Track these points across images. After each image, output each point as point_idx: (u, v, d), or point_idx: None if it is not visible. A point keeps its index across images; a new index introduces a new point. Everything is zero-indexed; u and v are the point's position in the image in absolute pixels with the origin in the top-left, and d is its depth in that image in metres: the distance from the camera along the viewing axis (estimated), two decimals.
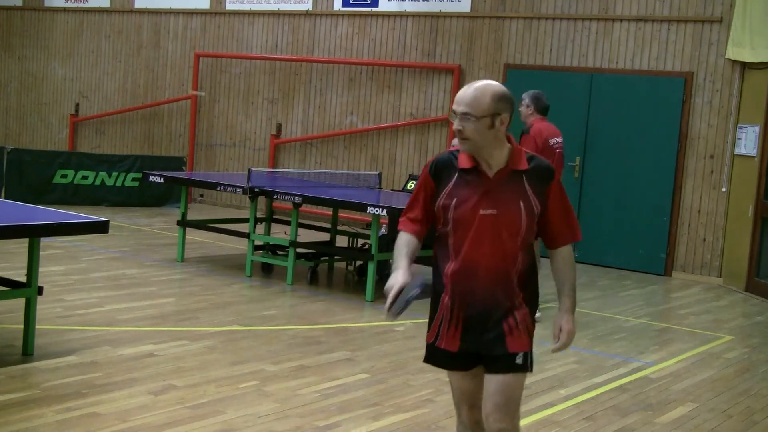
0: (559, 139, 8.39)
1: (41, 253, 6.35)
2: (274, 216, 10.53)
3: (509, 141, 3.54)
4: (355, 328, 7.54)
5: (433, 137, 13.16)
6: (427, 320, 3.83)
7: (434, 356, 3.70)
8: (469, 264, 3.52)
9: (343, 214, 11.60)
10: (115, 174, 13.91)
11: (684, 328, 8.57)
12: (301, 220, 9.33)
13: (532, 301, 3.60)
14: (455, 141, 12.31)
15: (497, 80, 12.54)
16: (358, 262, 9.83)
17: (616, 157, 11.79)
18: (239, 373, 5.90)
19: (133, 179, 13.93)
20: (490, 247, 3.48)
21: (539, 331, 8.20)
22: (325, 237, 10.33)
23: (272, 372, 6.01)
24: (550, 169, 3.55)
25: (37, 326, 6.07)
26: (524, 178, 3.49)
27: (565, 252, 3.62)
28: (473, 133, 3.43)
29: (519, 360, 3.55)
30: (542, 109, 8.50)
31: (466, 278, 3.54)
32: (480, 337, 3.55)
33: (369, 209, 8.44)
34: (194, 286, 8.71)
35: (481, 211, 3.46)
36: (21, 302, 6.09)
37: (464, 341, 3.57)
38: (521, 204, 3.47)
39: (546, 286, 10.20)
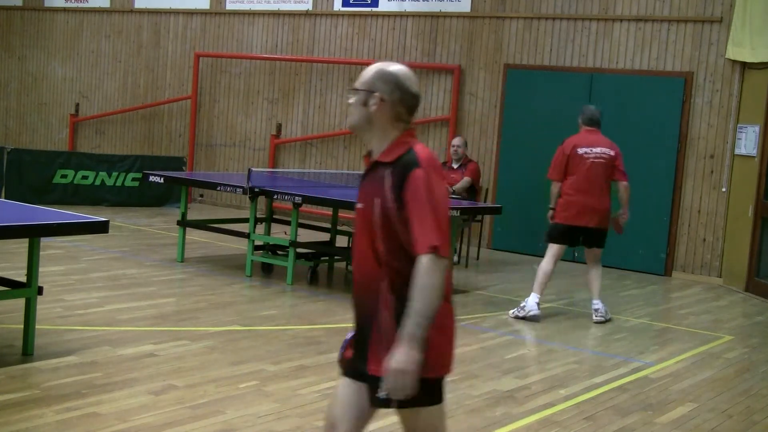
0: (598, 150, 8.41)
1: (41, 253, 6.34)
2: (274, 216, 10.53)
3: (406, 135, 3.20)
4: None
5: (433, 137, 13.16)
6: None
7: None
8: (353, 261, 3.29)
9: (343, 214, 11.60)
10: (115, 174, 13.91)
11: (684, 328, 8.57)
12: (301, 220, 9.33)
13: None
14: (454, 141, 12.32)
15: (497, 80, 12.69)
16: None
17: None
18: (239, 373, 5.90)
19: (133, 179, 13.93)
20: (359, 243, 3.20)
21: (538, 330, 8.21)
22: (325, 237, 10.33)
23: (272, 372, 6.00)
24: (412, 162, 3.07)
25: (37, 326, 6.07)
26: (388, 171, 3.11)
27: (420, 263, 3.00)
28: (352, 107, 3.24)
29: (381, 391, 3.05)
30: (587, 121, 8.61)
31: (353, 277, 3.30)
32: (358, 348, 3.22)
33: None
34: (194, 286, 8.71)
35: (358, 205, 3.23)
36: (21, 302, 6.09)
37: (354, 349, 3.26)
38: (376, 200, 3.11)
39: (549, 285, 10.20)
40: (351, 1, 13.86)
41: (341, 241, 10.34)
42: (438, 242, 2.99)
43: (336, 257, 10.00)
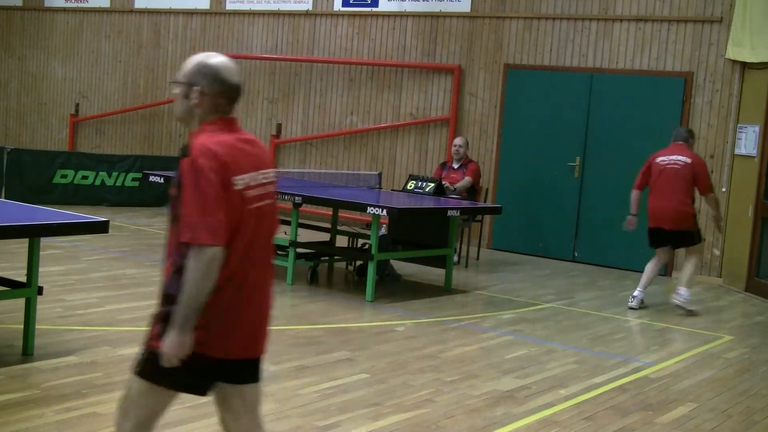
0: (674, 157, 9.08)
1: (41, 253, 6.34)
2: None
3: (210, 123, 3.20)
4: (355, 328, 7.54)
5: (433, 137, 13.16)
6: (427, 320, 3.80)
7: None
8: None
9: (343, 214, 11.60)
10: (115, 174, 13.91)
11: (684, 328, 8.57)
12: (301, 220, 9.33)
13: (168, 300, 3.12)
14: (456, 140, 12.31)
15: (497, 80, 12.68)
16: (358, 262, 9.83)
17: (616, 157, 11.79)
18: None
19: (133, 179, 13.92)
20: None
21: (538, 330, 8.21)
22: (325, 237, 10.33)
23: (272, 372, 6.00)
24: (187, 150, 3.10)
25: (37, 326, 6.07)
26: (181, 160, 3.14)
27: (188, 254, 3.02)
28: (175, 99, 3.28)
29: (138, 355, 3.25)
30: (673, 137, 9.40)
31: None
32: None
33: (369, 209, 8.43)
34: None
35: None
36: (21, 302, 6.09)
37: None
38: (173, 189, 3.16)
39: (549, 285, 10.20)
40: (351, 1, 13.86)
41: (341, 241, 10.34)
42: (196, 233, 2.98)
43: (336, 257, 10.00)
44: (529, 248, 12.39)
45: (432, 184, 10.34)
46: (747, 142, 10.83)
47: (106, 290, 8.14)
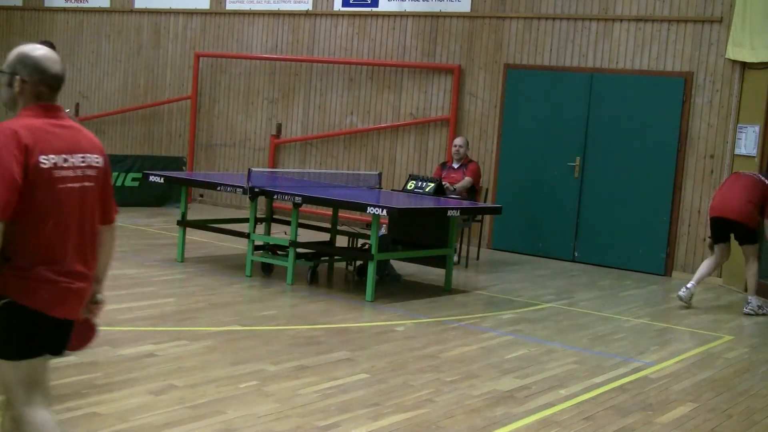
0: (755, 173, 9.69)
1: None
2: (274, 216, 10.53)
3: (26, 109, 3.39)
4: (355, 328, 7.54)
5: (433, 137, 13.16)
6: (427, 320, 3.78)
7: None
8: None
9: (343, 214, 11.61)
10: (115, 174, 13.89)
11: (684, 328, 8.57)
12: (301, 220, 9.33)
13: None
14: (456, 140, 12.31)
15: (497, 80, 12.66)
16: (358, 262, 9.83)
17: (616, 157, 11.79)
18: (239, 373, 5.90)
19: (133, 179, 13.93)
20: None
21: (538, 330, 8.21)
22: (325, 237, 10.33)
23: (272, 372, 6.01)
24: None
25: None
26: None
27: None
28: (1, 87, 3.43)
29: None
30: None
31: None
32: None
33: (369, 209, 8.44)
34: (194, 286, 8.70)
35: None
36: None
37: None
38: None
39: (549, 285, 10.20)
40: (351, 1, 13.86)
41: (341, 241, 10.35)
42: None
43: (336, 257, 10.00)
44: (529, 248, 12.39)
45: (432, 184, 10.34)
46: (747, 142, 10.83)
47: (106, 290, 8.06)
